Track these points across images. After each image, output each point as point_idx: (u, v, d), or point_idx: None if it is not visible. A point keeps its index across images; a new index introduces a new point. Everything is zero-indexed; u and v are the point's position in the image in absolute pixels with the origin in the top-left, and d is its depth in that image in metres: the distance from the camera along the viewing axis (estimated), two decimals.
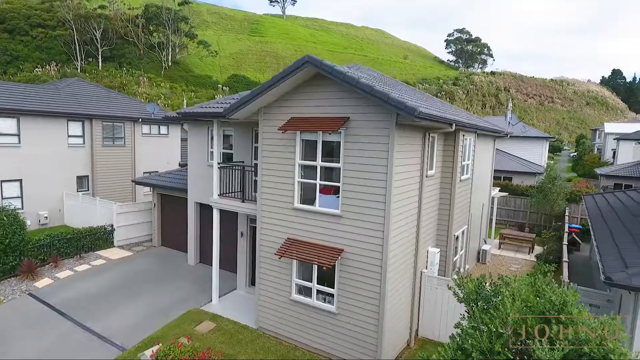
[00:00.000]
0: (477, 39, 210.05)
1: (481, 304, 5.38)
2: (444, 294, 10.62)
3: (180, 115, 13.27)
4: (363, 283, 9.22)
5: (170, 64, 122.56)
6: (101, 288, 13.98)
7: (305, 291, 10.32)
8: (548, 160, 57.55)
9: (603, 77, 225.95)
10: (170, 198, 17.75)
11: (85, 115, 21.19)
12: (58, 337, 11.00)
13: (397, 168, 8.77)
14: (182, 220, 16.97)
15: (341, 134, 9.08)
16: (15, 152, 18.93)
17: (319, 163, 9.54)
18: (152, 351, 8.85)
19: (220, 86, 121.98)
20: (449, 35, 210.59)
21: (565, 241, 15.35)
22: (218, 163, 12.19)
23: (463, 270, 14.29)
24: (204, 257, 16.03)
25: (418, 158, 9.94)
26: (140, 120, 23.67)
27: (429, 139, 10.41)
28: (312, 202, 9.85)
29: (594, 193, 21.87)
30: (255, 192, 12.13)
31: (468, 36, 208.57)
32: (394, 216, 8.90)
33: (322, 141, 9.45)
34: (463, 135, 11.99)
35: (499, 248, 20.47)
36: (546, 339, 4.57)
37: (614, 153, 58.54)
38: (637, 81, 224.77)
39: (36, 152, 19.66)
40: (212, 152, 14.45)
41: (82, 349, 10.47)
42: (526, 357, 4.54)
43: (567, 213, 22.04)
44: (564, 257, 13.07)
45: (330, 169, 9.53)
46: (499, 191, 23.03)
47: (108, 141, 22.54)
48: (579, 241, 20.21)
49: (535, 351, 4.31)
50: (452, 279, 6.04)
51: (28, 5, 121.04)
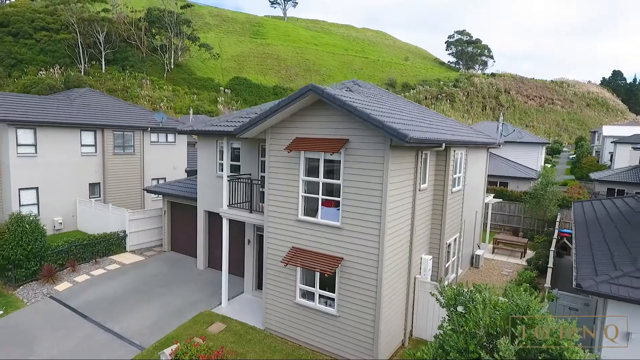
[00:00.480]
0: (478, 41, 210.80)
1: (459, 309, 6.34)
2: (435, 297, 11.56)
3: (193, 131, 14.22)
4: (361, 288, 10.18)
5: (172, 67, 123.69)
6: (117, 291, 14.97)
7: (308, 295, 11.28)
8: (546, 163, 58.48)
9: (603, 79, 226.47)
10: (179, 205, 18.73)
11: (97, 125, 22.20)
12: (82, 338, 11.99)
13: (392, 185, 9.73)
14: (191, 226, 17.95)
15: (341, 154, 10.05)
16: (32, 162, 19.94)
17: (321, 180, 10.52)
18: (172, 350, 9.82)
19: (222, 89, 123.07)
20: (449, 37, 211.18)
21: (552, 247, 16.28)
22: (227, 176, 13.16)
23: (455, 275, 15.24)
24: (213, 262, 17.01)
25: (411, 174, 10.90)
26: (148, 129, 24.66)
27: (422, 157, 11.37)
28: (315, 214, 10.82)
29: (584, 200, 22.77)
30: (262, 203, 13.10)
31: (468, 38, 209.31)
32: (389, 228, 9.86)
33: (324, 160, 10.42)
34: (454, 151, 12.95)
35: (493, 252, 21.39)
36: (509, 338, 5.53)
37: (612, 156, 59.34)
38: (638, 82, 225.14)
39: (51, 161, 20.66)
40: (221, 164, 15.44)
41: (105, 348, 11.46)
42: (495, 354, 5.48)
43: (559, 218, 22.97)
44: (549, 264, 14.01)
45: (331, 185, 10.50)
46: (493, 197, 23.99)
47: (118, 149, 23.54)
48: (570, 246, 21.13)
49: (498, 346, 5.27)
50: (435, 287, 7.00)
51: (32, 8, 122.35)
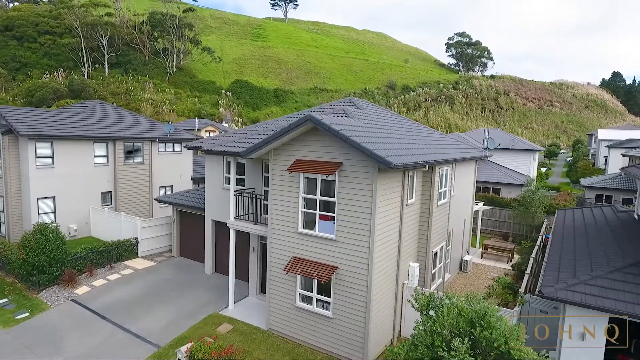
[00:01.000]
0: (477, 43, 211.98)
1: (431, 313, 7.68)
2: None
3: (205, 150, 15.55)
4: (353, 294, 11.53)
5: (174, 70, 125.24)
6: (133, 295, 16.33)
7: (307, 299, 12.64)
8: (541, 167, 59.69)
9: (603, 80, 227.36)
10: (187, 214, 20.09)
11: (109, 137, 23.57)
12: (104, 337, 13.36)
13: (380, 203, 11.08)
14: (198, 233, 19.30)
15: (336, 175, 11.40)
16: (49, 173, 21.33)
17: (318, 197, 11.87)
18: (187, 347, 11.17)
19: (223, 91, 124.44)
20: (449, 38, 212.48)
21: (533, 254, 17.61)
22: (234, 191, 14.52)
23: (442, 280, 16.57)
24: (219, 267, 18.36)
25: (399, 192, 12.25)
26: (157, 139, 26.03)
27: (409, 175, 12.72)
28: (313, 227, 12.17)
29: (568, 208, 24.07)
30: (265, 215, 14.44)
31: (468, 40, 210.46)
32: (377, 240, 11.21)
33: (321, 179, 11.77)
34: (439, 168, 14.30)
35: (482, 257, 22.71)
36: (467, 338, 6.87)
37: (606, 160, 60.50)
38: (637, 84, 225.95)
39: (67, 172, 22.04)
40: (227, 177, 16.80)
41: (126, 347, 12.82)
42: (452, 349, 6.82)
43: (545, 224, 24.28)
44: (527, 270, 15.34)
45: (327, 201, 11.84)
46: (483, 204, 25.33)
47: (129, 159, 24.91)
48: None
49: (455, 344, 6.62)
50: (411, 295, 8.36)
51: (36, 12, 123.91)
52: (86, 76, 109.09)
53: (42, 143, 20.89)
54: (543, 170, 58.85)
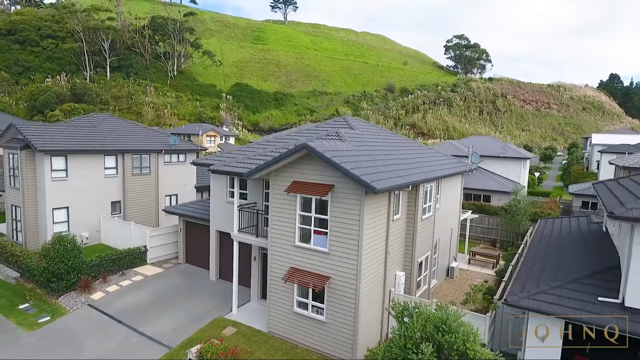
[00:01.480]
0: (476, 45, 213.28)
1: (406, 320, 9.14)
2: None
3: (212, 169, 16.96)
4: (343, 301, 12.98)
5: (175, 74, 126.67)
6: (144, 300, 17.78)
7: (303, 305, 14.09)
8: (535, 172, 61.02)
9: (601, 81, 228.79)
10: (193, 224, 21.54)
11: (118, 150, 25.02)
12: (120, 339, 14.82)
13: (367, 220, 12.53)
14: (203, 242, 20.75)
15: (328, 196, 12.85)
16: (64, 185, 22.78)
17: (313, 214, 13.33)
18: (197, 348, 12.62)
19: (224, 95, 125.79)
20: (448, 41, 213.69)
21: (512, 262, 19.05)
22: (238, 206, 15.98)
23: (428, 286, 18.03)
24: (223, 274, 19.81)
25: (385, 209, 13.71)
26: (163, 151, 27.49)
27: (394, 195, 14.18)
28: (309, 241, 13.62)
29: (549, 217, 25.48)
30: (265, 227, 15.89)
31: (467, 42, 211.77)
32: (365, 254, 12.67)
33: (316, 199, 13.23)
34: (423, 186, 15.76)
35: (469, 263, 24.16)
36: (432, 341, 8.32)
37: (598, 165, 61.84)
38: (634, 85, 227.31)
39: (80, 184, 23.49)
40: (231, 191, 18.25)
41: (140, 348, 14.28)
42: (420, 352, 8.27)
43: (530, 232, 25.71)
44: (505, 277, 16.78)
45: (321, 218, 13.29)
46: (472, 212, 26.78)
47: (137, 170, 26.36)
48: None
49: (421, 346, 8.09)
50: (390, 305, 9.81)
51: (38, 16, 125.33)
52: (88, 80, 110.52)
53: (57, 157, 22.34)
54: (537, 174, 60.13)
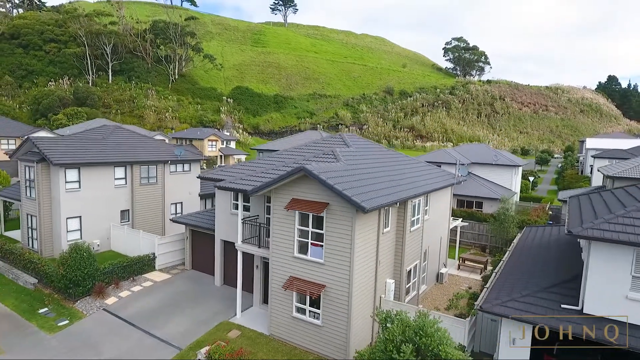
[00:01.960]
0: (475, 47, 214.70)
1: (389, 325, 10.57)
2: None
3: (218, 186, 18.36)
4: (337, 306, 14.42)
5: (177, 77, 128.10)
6: (155, 304, 19.21)
7: (301, 310, 15.53)
8: (529, 176, 62.36)
9: (599, 83, 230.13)
10: (199, 233, 22.98)
11: (127, 162, 26.46)
12: (135, 341, 16.26)
13: (358, 235, 13.97)
14: (208, 249, 22.19)
15: (324, 213, 14.29)
16: (77, 195, 24.21)
17: (310, 229, 14.77)
18: (206, 350, 14.05)
19: (224, 98, 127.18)
20: (447, 43, 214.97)
21: (496, 269, 20.44)
22: (242, 219, 17.42)
23: (417, 292, 19.46)
24: (227, 280, 21.24)
25: (375, 224, 15.14)
26: (168, 162, 28.94)
27: (384, 210, 15.61)
28: (306, 253, 15.06)
29: (534, 225, 26.91)
30: (267, 238, 17.32)
31: (465, 44, 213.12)
32: (356, 264, 14.10)
33: (312, 215, 14.67)
34: (411, 201, 17.19)
35: (458, 269, 25.59)
36: (411, 344, 9.76)
37: (591, 169, 63.15)
38: (632, 87, 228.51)
39: (91, 194, 24.92)
40: (234, 204, 19.67)
41: (153, 349, 15.72)
42: (401, 352, 9.69)
43: (517, 239, 27.13)
44: (487, 284, 18.18)
45: (318, 232, 14.72)
46: (462, 220, 28.23)
47: (144, 180, 27.79)
48: None
49: (402, 346, 9.52)
50: (375, 312, 11.24)
51: (41, 20, 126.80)
52: (90, 83, 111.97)
53: (71, 169, 23.76)
54: (531, 179, 61.41)
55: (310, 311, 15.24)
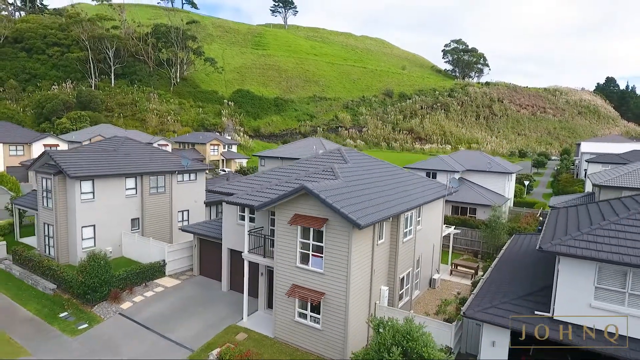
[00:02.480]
0: (474, 49, 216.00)
1: (381, 330, 12.07)
2: (390, 316, 17.26)
3: (227, 201, 19.83)
4: (335, 312, 15.92)
5: (178, 80, 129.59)
6: (167, 309, 20.71)
7: (303, 315, 17.03)
8: (523, 180, 63.74)
9: (598, 84, 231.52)
10: (206, 241, 24.47)
11: (137, 173, 27.96)
12: (151, 343, 17.77)
13: (354, 247, 15.46)
14: (216, 257, 23.68)
15: (324, 227, 15.79)
16: (91, 205, 25.72)
17: (311, 242, 16.28)
18: (217, 351, 15.54)
19: (225, 101, 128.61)
20: (446, 45, 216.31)
21: (485, 275, 21.92)
22: (248, 231, 18.93)
23: (410, 297, 20.96)
24: (234, 285, 22.73)
25: (370, 237, 16.64)
26: (176, 172, 30.44)
27: (379, 224, 17.11)
28: (307, 263, 16.57)
29: (522, 233, 28.41)
30: (271, 248, 18.81)
31: (464, 46, 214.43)
32: (353, 274, 15.60)
33: (313, 229, 16.17)
34: (404, 215, 18.69)
35: (451, 274, 27.08)
36: (400, 347, 11.26)
37: (585, 174, 64.51)
38: (630, 89, 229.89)
39: (104, 204, 26.41)
40: (240, 215, 21.16)
41: (168, 350, 17.22)
42: (391, 353, 11.18)
43: (506, 246, 28.63)
44: (475, 290, 19.67)
45: (318, 244, 16.22)
46: (455, 227, 29.74)
47: (153, 190, 29.29)
48: None
49: (392, 348, 11.02)
50: (368, 319, 12.73)
51: (44, 24, 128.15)
52: (93, 87, 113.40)
53: (86, 181, 25.27)
54: (526, 183, 62.74)
55: (311, 316, 16.74)
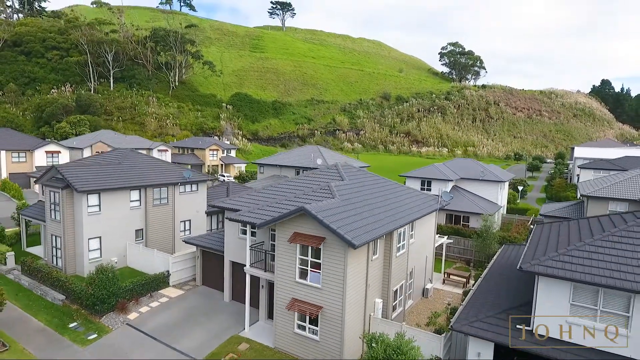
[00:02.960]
0: (470, 52, 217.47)
1: (373, 345, 13.15)
2: (384, 328, 18.35)
3: (229, 218, 20.87)
4: (332, 324, 17.00)
5: (177, 84, 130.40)
6: (171, 319, 21.73)
7: (301, 327, 18.09)
8: (517, 185, 64.92)
9: (593, 87, 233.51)
10: (209, 253, 25.50)
11: (141, 186, 28.97)
12: (158, 353, 18.79)
13: (350, 263, 16.53)
14: (218, 268, 24.69)
15: (321, 245, 16.86)
16: (97, 218, 26.71)
17: (310, 258, 17.35)
18: None
19: (224, 104, 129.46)
20: (443, 48, 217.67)
21: (474, 287, 23.03)
22: (250, 246, 19.99)
23: (403, 308, 22.04)
24: (235, 296, 23.76)
25: (364, 253, 17.72)
26: (179, 184, 31.46)
27: (373, 241, 18.19)
28: (306, 278, 17.63)
29: (511, 243, 29.51)
30: (272, 262, 19.87)
31: (461, 49, 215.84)
32: (348, 290, 16.68)
33: (311, 247, 17.24)
34: (397, 231, 19.78)
35: (443, 283, 28.19)
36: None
37: (578, 179, 65.70)
38: (625, 91, 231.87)
39: (110, 216, 27.41)
40: (242, 229, 22.21)
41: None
42: None
43: (496, 256, 29.75)
44: (463, 302, 20.77)
45: (316, 261, 17.29)
46: (448, 237, 30.85)
47: (156, 201, 30.30)
48: None
49: None
50: (362, 335, 13.80)
51: (43, 28, 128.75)
52: (92, 91, 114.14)
53: (92, 195, 26.27)
54: (520, 188, 63.88)
55: (309, 328, 17.81)
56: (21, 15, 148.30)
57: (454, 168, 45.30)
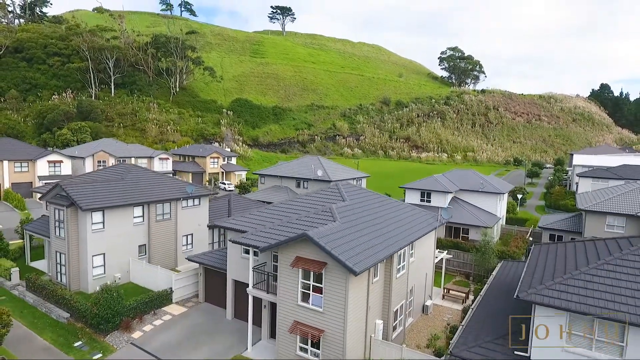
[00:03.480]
0: (469, 57, 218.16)
1: None
2: (384, 350, 18.69)
3: (231, 241, 21.24)
4: (334, 347, 17.32)
5: (177, 90, 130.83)
6: (175, 338, 22.04)
7: (303, 349, 18.42)
8: (516, 193, 65.20)
9: (593, 90, 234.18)
10: (211, 270, 25.83)
11: (144, 202, 29.32)
12: None
13: (351, 287, 16.87)
14: (220, 285, 25.03)
15: (323, 270, 17.22)
16: (101, 235, 27.06)
17: (311, 282, 17.70)
18: None
19: (224, 110, 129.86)
20: (442, 52, 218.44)
21: (473, 305, 23.36)
22: (252, 268, 20.34)
23: (403, 327, 22.36)
24: (238, 314, 24.08)
25: (365, 277, 18.07)
26: (181, 199, 31.82)
27: (374, 266, 18.54)
28: (308, 301, 17.97)
29: (509, 259, 29.85)
30: (274, 283, 20.21)
31: (460, 54, 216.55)
32: (350, 314, 17.02)
33: (312, 272, 17.59)
34: (397, 253, 20.14)
35: (443, 299, 28.50)
36: None
37: (577, 187, 66.01)
38: (624, 95, 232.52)
39: (114, 232, 27.76)
40: (245, 249, 22.55)
41: None
42: None
43: (495, 271, 30.09)
44: (463, 322, 21.09)
45: (317, 285, 17.63)
46: (447, 252, 31.19)
47: (159, 217, 30.64)
48: None
49: None
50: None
51: (44, 34, 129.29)
52: (93, 97, 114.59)
53: (96, 212, 26.62)
54: (519, 196, 64.15)
55: (311, 350, 18.14)
56: (22, 20, 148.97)
57: (453, 179, 45.66)
